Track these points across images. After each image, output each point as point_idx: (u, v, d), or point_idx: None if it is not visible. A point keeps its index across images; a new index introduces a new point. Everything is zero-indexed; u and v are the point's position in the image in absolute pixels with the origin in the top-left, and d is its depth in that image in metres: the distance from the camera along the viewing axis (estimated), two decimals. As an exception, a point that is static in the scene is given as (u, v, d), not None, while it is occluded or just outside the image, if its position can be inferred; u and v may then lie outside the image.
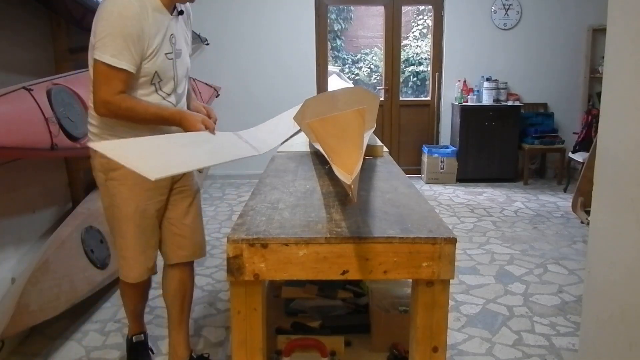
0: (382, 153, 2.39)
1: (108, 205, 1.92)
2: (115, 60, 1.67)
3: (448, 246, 1.24)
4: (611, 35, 1.47)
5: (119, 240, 1.94)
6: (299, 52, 5.89)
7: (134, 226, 1.89)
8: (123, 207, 1.87)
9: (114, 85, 1.69)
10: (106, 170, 1.85)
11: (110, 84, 1.69)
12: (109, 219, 1.95)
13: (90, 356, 2.31)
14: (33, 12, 2.65)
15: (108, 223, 1.98)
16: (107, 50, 1.66)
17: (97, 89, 1.72)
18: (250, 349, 1.32)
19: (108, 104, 1.71)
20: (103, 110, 1.74)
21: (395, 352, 1.95)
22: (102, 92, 1.70)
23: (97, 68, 1.70)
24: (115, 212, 1.90)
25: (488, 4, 5.88)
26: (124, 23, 1.66)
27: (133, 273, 1.95)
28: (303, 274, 1.27)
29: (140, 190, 1.87)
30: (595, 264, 1.57)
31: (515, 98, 5.91)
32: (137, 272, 1.96)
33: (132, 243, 1.91)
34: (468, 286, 3.05)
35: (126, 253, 1.93)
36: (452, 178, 5.85)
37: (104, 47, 1.67)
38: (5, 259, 2.30)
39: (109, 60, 1.67)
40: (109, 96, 1.70)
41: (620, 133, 1.42)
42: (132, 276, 1.96)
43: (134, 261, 1.93)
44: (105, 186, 1.89)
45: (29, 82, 2.23)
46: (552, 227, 4.21)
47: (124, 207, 1.87)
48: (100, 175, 1.88)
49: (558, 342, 2.42)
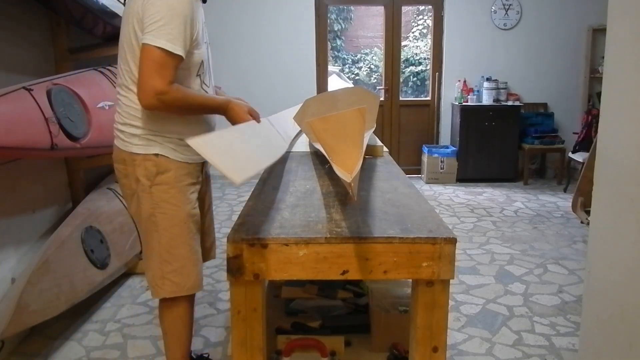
0: (382, 153, 2.39)
1: (149, 215, 1.70)
2: (171, 45, 1.50)
3: (448, 246, 1.24)
4: (611, 35, 1.47)
5: (167, 252, 1.70)
6: (299, 52, 5.89)
7: (187, 232, 1.71)
8: (174, 213, 1.69)
9: (168, 73, 1.52)
10: (152, 175, 1.67)
11: (164, 72, 1.51)
12: (149, 229, 1.72)
13: (90, 356, 2.31)
14: (33, 12, 2.65)
15: (146, 234, 1.74)
16: (161, 34, 1.49)
17: (148, 77, 1.51)
18: (250, 349, 1.32)
19: (163, 95, 1.52)
20: (154, 102, 1.54)
21: (395, 352, 1.95)
22: (156, 81, 1.50)
23: (149, 54, 1.50)
24: (162, 220, 1.69)
25: (488, 4, 5.88)
26: (181, 5, 1.52)
27: (192, 280, 1.74)
28: (303, 274, 1.27)
29: (188, 193, 1.73)
30: (595, 264, 1.57)
31: (515, 98, 5.91)
32: (195, 279, 1.75)
33: (186, 251, 1.71)
34: (468, 286, 3.05)
35: (179, 262, 1.71)
36: (452, 178, 5.85)
37: (159, 31, 1.49)
38: (5, 259, 2.30)
39: (165, 45, 1.50)
40: (164, 85, 1.52)
41: (620, 133, 1.42)
42: (191, 284, 1.74)
43: (187, 269, 1.72)
44: (149, 193, 1.68)
45: (29, 82, 2.23)
46: (552, 227, 4.21)
47: (176, 212, 1.69)
48: (143, 182, 1.68)
49: (558, 342, 2.41)
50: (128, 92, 1.66)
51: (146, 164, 1.66)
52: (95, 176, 3.21)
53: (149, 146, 1.67)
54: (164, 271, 1.71)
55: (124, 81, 1.67)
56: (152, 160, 1.66)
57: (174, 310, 1.78)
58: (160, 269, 1.72)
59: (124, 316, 2.68)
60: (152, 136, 1.66)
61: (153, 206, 1.68)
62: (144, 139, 1.67)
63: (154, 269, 1.73)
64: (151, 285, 1.76)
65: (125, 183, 1.74)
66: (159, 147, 1.67)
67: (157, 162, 1.66)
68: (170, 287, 1.72)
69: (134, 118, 1.67)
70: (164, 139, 1.68)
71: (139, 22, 1.55)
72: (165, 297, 1.74)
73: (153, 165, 1.66)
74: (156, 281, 1.73)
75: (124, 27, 1.63)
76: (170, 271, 1.71)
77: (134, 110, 1.66)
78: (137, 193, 1.70)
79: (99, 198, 2.91)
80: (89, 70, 2.79)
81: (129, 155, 1.69)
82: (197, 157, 1.73)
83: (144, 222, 1.71)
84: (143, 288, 3.02)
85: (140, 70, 1.53)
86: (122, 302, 2.84)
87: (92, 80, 2.70)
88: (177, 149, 1.70)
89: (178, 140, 1.68)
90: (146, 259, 1.78)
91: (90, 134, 2.44)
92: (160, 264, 1.71)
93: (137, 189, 1.70)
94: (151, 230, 1.71)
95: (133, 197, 1.72)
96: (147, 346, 2.38)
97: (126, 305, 2.80)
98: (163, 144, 1.68)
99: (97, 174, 3.23)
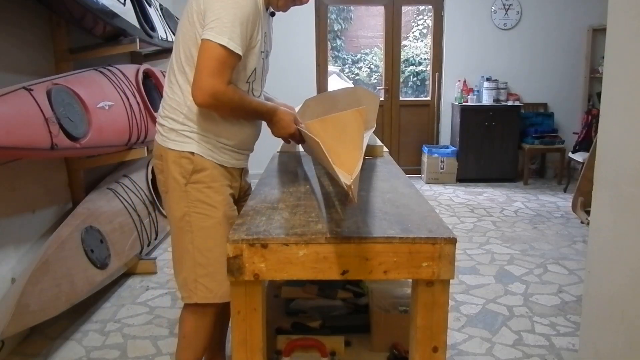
0: (382, 153, 2.39)
1: (182, 215, 1.62)
2: (233, 44, 1.45)
3: (448, 246, 1.24)
4: (611, 35, 1.47)
5: (200, 254, 1.62)
6: (299, 52, 5.88)
7: (223, 234, 1.58)
8: (210, 214, 1.61)
9: (227, 73, 1.47)
10: (188, 173, 1.60)
11: (224, 71, 1.46)
12: (183, 229, 1.63)
13: (90, 356, 2.31)
14: (33, 12, 2.65)
15: (179, 234, 1.64)
16: (224, 32, 1.44)
17: (207, 75, 1.45)
18: (250, 349, 1.32)
19: (220, 95, 1.47)
20: (210, 101, 1.48)
21: (395, 352, 1.95)
22: (215, 80, 1.45)
23: (210, 51, 1.44)
24: (197, 220, 1.61)
25: (488, 4, 5.88)
26: (247, 5, 1.48)
27: (224, 287, 1.60)
28: (303, 274, 1.26)
29: (226, 194, 1.65)
30: (595, 264, 1.57)
31: (515, 98, 5.91)
32: (225, 288, 1.59)
33: (220, 254, 1.57)
34: (468, 286, 3.05)
35: (211, 267, 1.62)
36: (452, 178, 5.85)
37: (221, 28, 1.44)
38: (5, 259, 2.30)
39: (228, 44, 1.44)
40: (223, 85, 1.46)
41: (620, 133, 1.42)
42: (223, 291, 1.62)
43: (221, 275, 1.57)
44: (184, 192, 1.60)
45: (29, 82, 2.23)
46: (552, 227, 4.21)
47: (212, 212, 1.61)
48: (178, 179, 1.61)
49: (558, 342, 2.41)
50: (174, 85, 1.61)
51: (182, 162, 1.60)
52: (95, 176, 3.21)
53: (185, 143, 1.60)
54: (197, 274, 1.62)
55: (172, 75, 1.62)
56: (188, 158, 1.60)
57: (199, 317, 1.69)
58: (193, 271, 1.63)
59: (124, 316, 2.68)
60: (190, 133, 1.60)
61: (188, 205, 1.61)
62: (182, 135, 1.60)
63: (186, 271, 1.64)
64: (182, 288, 1.67)
65: (161, 179, 1.69)
66: (195, 145, 1.60)
67: (193, 160, 1.60)
68: (203, 292, 1.63)
69: (175, 112, 1.61)
70: (202, 138, 1.60)
71: (199, 15, 1.50)
72: (197, 302, 1.65)
73: (189, 163, 1.59)
74: (189, 285, 1.64)
75: (182, 21, 1.59)
76: (203, 275, 1.62)
77: (176, 103, 1.60)
78: (171, 191, 1.64)
79: (99, 198, 2.91)
80: (89, 70, 2.79)
81: (165, 151, 1.63)
82: (235, 162, 1.69)
83: (178, 221, 1.63)
84: (143, 288, 3.02)
85: (198, 66, 1.47)
86: (122, 302, 2.84)
87: (92, 80, 2.70)
88: (215, 150, 1.63)
89: (216, 142, 1.62)
90: (178, 261, 1.68)
91: (90, 134, 2.44)
92: (193, 267, 1.62)
93: (171, 186, 1.63)
94: (185, 231, 1.62)
95: (167, 194, 1.67)
96: (147, 346, 2.38)
97: (126, 305, 2.80)
98: (200, 143, 1.60)
99: (97, 174, 3.23)
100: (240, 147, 1.70)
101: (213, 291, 1.63)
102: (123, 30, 2.98)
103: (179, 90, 1.59)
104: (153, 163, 1.74)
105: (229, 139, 1.65)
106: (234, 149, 1.68)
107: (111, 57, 3.19)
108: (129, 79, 3.04)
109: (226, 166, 1.66)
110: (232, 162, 1.68)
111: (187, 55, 1.56)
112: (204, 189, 1.61)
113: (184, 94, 1.59)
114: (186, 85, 1.57)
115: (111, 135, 2.67)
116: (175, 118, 1.61)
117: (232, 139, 1.66)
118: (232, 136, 1.65)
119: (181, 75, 1.59)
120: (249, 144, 1.76)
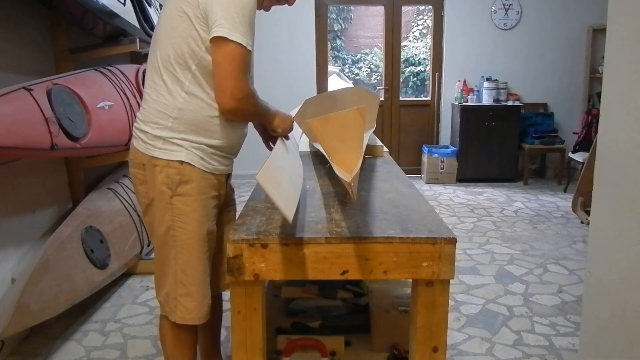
0: (382, 153, 2.39)
1: (167, 229, 1.53)
2: (247, 41, 1.36)
3: (448, 246, 1.24)
4: (611, 35, 1.47)
5: (182, 272, 1.54)
6: (299, 52, 5.88)
7: (203, 252, 1.55)
8: (193, 229, 1.52)
9: (247, 72, 1.38)
10: (174, 184, 1.50)
11: (246, 72, 1.37)
12: (166, 243, 1.55)
13: (90, 356, 2.31)
14: (33, 12, 2.65)
15: (162, 248, 1.56)
16: (238, 29, 1.34)
17: (234, 78, 1.36)
18: (250, 349, 1.32)
19: (250, 97, 1.42)
20: (240, 106, 1.40)
21: (395, 352, 1.95)
22: (242, 83, 1.36)
23: (231, 52, 1.35)
24: (181, 235, 1.52)
25: (488, 4, 5.88)
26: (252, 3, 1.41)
27: (203, 310, 1.57)
28: (303, 274, 1.27)
29: (210, 207, 1.56)
30: (595, 264, 1.57)
31: (515, 98, 5.91)
32: (206, 308, 1.58)
33: (198, 273, 1.54)
34: (468, 286, 3.05)
35: (192, 287, 1.54)
36: (452, 178, 5.85)
37: (234, 26, 1.34)
38: (5, 259, 2.30)
39: (247, 44, 1.36)
40: (249, 87, 1.39)
41: (620, 133, 1.42)
42: (202, 314, 1.58)
43: (201, 295, 1.55)
44: (169, 204, 1.51)
45: (29, 82, 2.23)
46: (552, 227, 4.20)
47: (195, 228, 1.52)
48: (164, 191, 1.50)
49: (558, 342, 2.41)
50: (159, 87, 1.50)
51: (168, 171, 1.49)
52: (95, 176, 3.21)
53: (174, 152, 1.49)
54: (177, 293, 1.56)
55: (156, 75, 1.50)
56: (175, 167, 1.49)
57: (178, 332, 1.62)
58: (174, 289, 1.56)
59: (124, 316, 2.68)
60: (179, 140, 1.49)
61: (172, 219, 1.51)
62: (169, 143, 1.49)
63: (168, 286, 1.58)
64: (164, 304, 1.61)
65: (142, 190, 1.58)
66: (185, 153, 1.50)
67: (181, 170, 1.49)
68: (182, 313, 1.57)
69: (162, 116, 1.49)
70: (191, 145, 1.50)
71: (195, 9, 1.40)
72: (175, 321, 1.59)
73: (176, 174, 1.49)
74: (169, 303, 1.58)
75: (166, 16, 1.49)
76: (183, 294, 1.55)
77: (164, 107, 1.49)
78: (155, 202, 1.54)
79: (99, 198, 2.91)
80: (89, 70, 2.79)
81: (150, 159, 1.51)
82: (223, 167, 1.61)
83: (162, 235, 1.55)
84: (143, 288, 3.02)
85: (220, 69, 1.37)
86: (122, 302, 2.84)
87: (92, 80, 2.70)
88: (204, 157, 1.53)
89: (206, 147, 1.52)
90: (160, 276, 1.60)
91: (90, 134, 2.44)
92: (174, 284, 1.56)
93: (155, 198, 1.54)
94: (169, 245, 1.54)
95: (150, 206, 1.57)
96: (147, 346, 2.38)
97: (126, 305, 2.80)
98: (190, 150, 1.50)
99: (97, 174, 3.23)
100: (230, 151, 1.62)
101: (192, 312, 1.56)
102: (123, 30, 2.99)
103: (166, 92, 1.48)
104: (131, 172, 1.61)
105: (221, 142, 1.55)
106: (223, 153, 1.59)
107: (111, 57, 3.19)
108: (129, 79, 3.04)
109: (215, 173, 1.57)
110: (220, 169, 1.60)
111: (179, 53, 1.45)
112: (192, 202, 1.51)
113: (173, 95, 1.48)
114: (175, 87, 1.47)
115: (111, 135, 2.67)
116: (163, 123, 1.49)
117: (224, 142, 1.57)
118: (224, 139, 1.56)
119: (168, 76, 1.48)
120: (238, 147, 1.68)
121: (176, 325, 1.60)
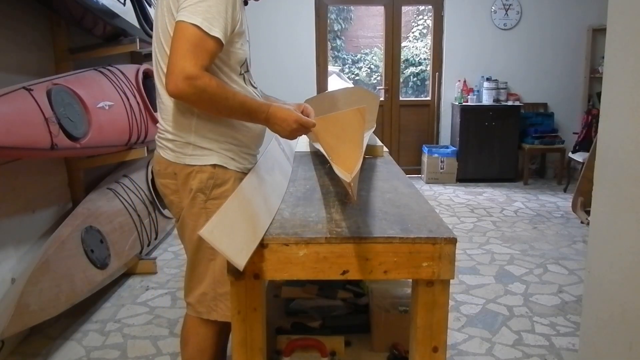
0: (382, 153, 2.39)
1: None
2: (207, 25, 1.31)
3: (448, 246, 1.24)
4: (611, 35, 1.47)
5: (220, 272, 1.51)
6: (299, 52, 5.88)
7: None
8: None
9: (202, 56, 1.31)
10: (208, 188, 1.49)
11: (198, 54, 1.30)
12: (199, 249, 1.52)
13: (90, 356, 2.31)
14: (33, 12, 2.65)
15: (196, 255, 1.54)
16: (198, 12, 1.31)
17: (179, 58, 1.29)
18: (250, 349, 1.32)
19: (194, 80, 1.29)
20: (184, 88, 1.29)
21: (395, 352, 1.94)
22: (187, 63, 1.28)
23: (183, 32, 1.31)
24: None
25: (488, 4, 5.88)
26: None
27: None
28: (303, 274, 1.26)
29: None
30: (595, 264, 1.57)
31: (515, 98, 5.91)
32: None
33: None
34: (468, 286, 3.05)
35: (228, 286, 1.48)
36: (452, 178, 5.85)
37: (195, 7, 1.31)
38: (5, 259, 2.30)
39: (202, 24, 1.31)
40: (196, 68, 1.29)
41: (620, 133, 1.42)
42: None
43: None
44: (203, 209, 1.49)
45: (29, 82, 2.23)
46: (552, 227, 4.21)
47: None
48: (199, 196, 1.49)
49: (558, 342, 2.41)
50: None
51: (202, 177, 1.47)
52: (95, 176, 3.21)
53: (205, 156, 1.48)
54: (217, 292, 1.55)
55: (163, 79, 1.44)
56: (207, 172, 1.47)
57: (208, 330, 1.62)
58: (213, 289, 1.55)
59: (124, 316, 2.68)
60: (207, 143, 1.47)
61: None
62: (199, 148, 1.47)
63: (204, 288, 1.56)
64: (200, 304, 1.58)
65: (175, 200, 1.54)
66: (216, 156, 1.48)
67: (214, 174, 1.48)
68: (222, 310, 1.56)
69: (184, 122, 1.46)
70: (220, 146, 1.48)
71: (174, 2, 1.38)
72: (217, 319, 1.57)
73: (209, 178, 1.47)
74: (208, 302, 1.56)
75: (158, 17, 1.46)
76: (223, 293, 1.53)
77: (181, 111, 1.46)
78: (187, 209, 1.51)
79: (99, 198, 2.91)
80: (89, 70, 2.79)
81: (183, 167, 1.48)
82: (251, 166, 1.59)
83: (197, 239, 1.49)
84: (143, 288, 3.02)
85: (171, 50, 1.32)
86: (122, 302, 2.84)
87: (92, 80, 2.70)
88: (235, 157, 1.52)
89: (234, 147, 1.51)
90: (195, 276, 1.58)
91: (90, 134, 2.44)
92: (213, 284, 1.55)
93: (188, 204, 1.51)
94: (204, 248, 1.51)
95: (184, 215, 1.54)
96: (147, 346, 2.38)
97: (126, 305, 2.80)
98: (220, 152, 1.49)
99: (97, 174, 3.23)
100: (257, 143, 1.62)
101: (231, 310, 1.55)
102: (123, 30, 2.99)
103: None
104: (161, 183, 1.56)
105: (245, 136, 1.53)
106: (250, 150, 1.59)
107: (111, 57, 3.20)
108: (129, 79, 3.04)
109: (246, 173, 1.56)
110: (249, 167, 1.58)
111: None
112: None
113: None
114: None
115: (111, 135, 2.67)
116: (186, 128, 1.47)
117: (247, 137, 1.54)
118: (246, 133, 1.52)
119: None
120: (260, 140, 1.65)
121: (210, 324, 1.59)
